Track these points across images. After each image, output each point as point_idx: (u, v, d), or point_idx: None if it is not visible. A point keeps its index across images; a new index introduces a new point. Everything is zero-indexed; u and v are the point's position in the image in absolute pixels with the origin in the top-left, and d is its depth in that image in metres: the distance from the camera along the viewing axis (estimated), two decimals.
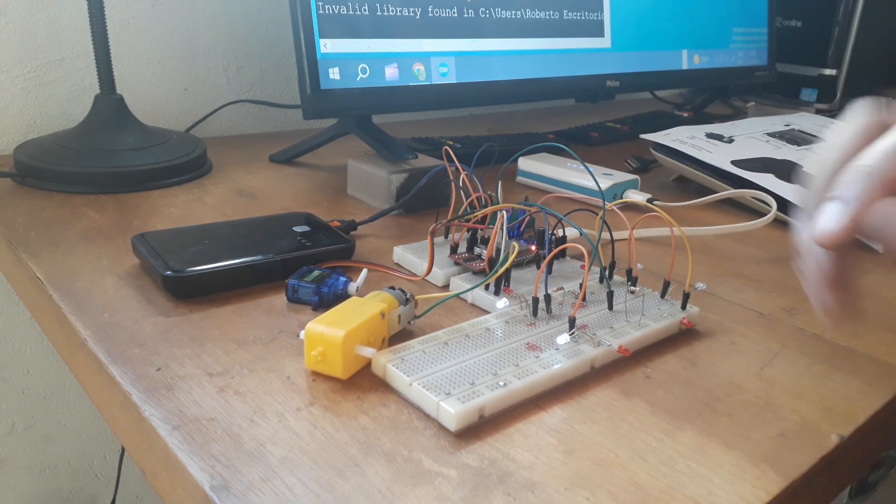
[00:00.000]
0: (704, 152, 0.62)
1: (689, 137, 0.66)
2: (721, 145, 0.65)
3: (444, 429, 0.31)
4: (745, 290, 0.48)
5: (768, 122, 0.78)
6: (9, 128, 0.72)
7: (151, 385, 0.34)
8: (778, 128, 0.75)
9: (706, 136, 0.67)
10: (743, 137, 0.69)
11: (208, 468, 0.28)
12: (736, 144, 0.66)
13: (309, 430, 0.31)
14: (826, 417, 0.34)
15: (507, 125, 1.00)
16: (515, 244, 0.42)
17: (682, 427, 0.33)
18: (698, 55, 0.95)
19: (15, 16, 0.70)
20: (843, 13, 1.02)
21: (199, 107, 0.84)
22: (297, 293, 0.42)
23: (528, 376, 0.34)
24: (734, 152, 0.65)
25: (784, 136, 0.71)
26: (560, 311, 0.40)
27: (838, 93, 1.05)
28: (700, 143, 0.65)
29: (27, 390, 0.79)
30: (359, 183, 0.63)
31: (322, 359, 0.34)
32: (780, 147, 0.67)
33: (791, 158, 0.65)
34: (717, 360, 0.39)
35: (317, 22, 0.59)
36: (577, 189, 0.66)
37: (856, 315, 0.30)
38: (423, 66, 0.66)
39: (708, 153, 0.62)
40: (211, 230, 0.49)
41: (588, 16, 0.80)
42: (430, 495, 0.28)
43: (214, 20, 0.83)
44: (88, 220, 0.54)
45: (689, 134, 0.68)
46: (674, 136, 0.67)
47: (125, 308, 0.41)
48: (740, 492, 0.29)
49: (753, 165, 0.62)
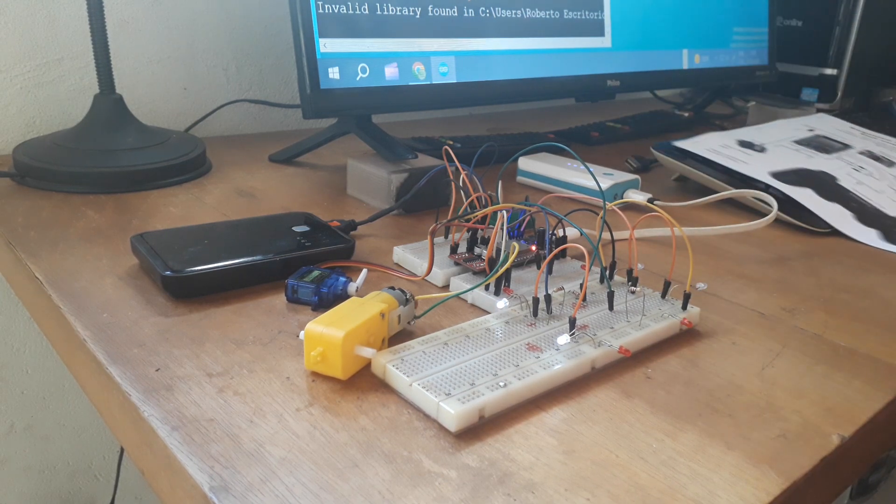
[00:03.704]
0: (740, 163, 0.61)
1: (722, 146, 0.65)
2: (755, 155, 0.64)
3: (444, 429, 0.31)
4: (745, 290, 0.48)
5: (791, 127, 0.77)
6: (8, 127, 0.72)
7: (151, 385, 0.33)
8: (803, 133, 0.74)
9: (738, 145, 0.66)
10: (773, 145, 0.68)
11: (208, 469, 0.28)
12: (769, 154, 0.66)
13: (308, 431, 0.31)
14: (827, 418, 0.34)
15: (507, 125, 1.00)
16: (515, 244, 0.42)
17: (683, 427, 0.33)
18: (699, 55, 0.95)
19: (14, 15, 0.70)
20: (844, 13, 1.02)
21: (199, 106, 0.84)
22: (296, 293, 0.42)
23: (528, 377, 0.34)
24: (770, 163, 0.64)
25: (812, 144, 0.70)
26: (560, 311, 0.40)
27: (839, 92, 1.05)
28: (734, 152, 0.64)
29: (26, 391, 0.79)
30: (359, 183, 0.63)
31: (322, 359, 0.34)
32: (811, 156, 0.67)
33: (826, 170, 0.64)
34: (717, 360, 0.39)
35: (316, 21, 0.59)
36: (578, 189, 0.66)
37: None
38: (422, 66, 0.66)
39: (744, 164, 0.61)
40: (210, 230, 0.49)
41: (588, 15, 0.80)
42: (430, 496, 0.27)
43: (214, 20, 0.83)
44: (88, 220, 0.54)
45: (721, 142, 0.67)
46: (705, 145, 0.66)
47: (124, 308, 0.41)
48: (741, 492, 0.29)
49: (792, 178, 0.61)
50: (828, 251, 0.56)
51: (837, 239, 0.59)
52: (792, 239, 0.59)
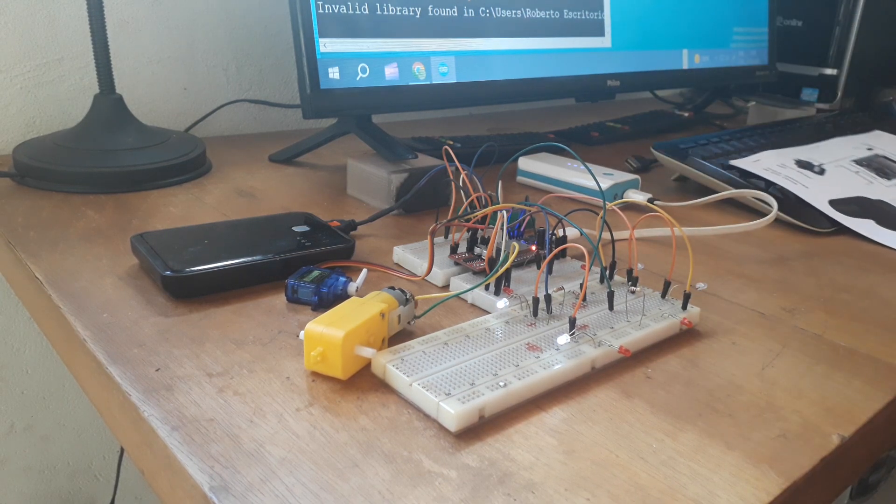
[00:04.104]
0: (800, 186, 0.60)
1: (780, 166, 0.64)
2: (814, 177, 0.63)
3: (444, 429, 0.31)
4: (745, 290, 0.48)
5: (850, 145, 0.76)
6: (8, 127, 0.72)
7: (151, 385, 0.33)
8: (862, 153, 0.73)
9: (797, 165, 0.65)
10: (832, 166, 0.67)
11: (208, 469, 0.28)
12: (828, 177, 0.64)
13: (308, 431, 0.31)
14: (827, 418, 0.34)
15: (507, 125, 1.00)
16: (515, 244, 0.42)
17: (683, 427, 0.33)
18: (699, 55, 0.95)
19: (14, 15, 0.70)
20: (844, 12, 1.02)
21: (199, 106, 0.84)
22: (296, 293, 0.42)
23: (528, 377, 0.34)
24: (829, 187, 0.62)
25: (871, 165, 0.69)
26: (560, 311, 0.40)
27: (839, 92, 1.05)
28: (793, 173, 0.63)
29: (26, 391, 0.79)
30: (359, 183, 0.63)
31: (322, 359, 0.34)
32: (871, 181, 0.66)
33: (886, 199, 0.64)
34: (717, 360, 0.39)
35: (316, 21, 0.59)
36: (578, 189, 0.66)
37: None
38: (422, 66, 0.66)
39: (804, 188, 0.60)
40: (210, 230, 0.49)
41: (588, 15, 0.80)
42: (430, 496, 0.27)
43: (214, 20, 0.83)
44: (88, 219, 0.54)
45: (780, 162, 0.65)
46: (764, 164, 0.64)
47: (124, 308, 0.41)
48: (741, 492, 0.29)
49: (852, 208, 0.60)
50: (828, 251, 0.56)
51: (837, 239, 0.59)
52: (792, 239, 0.59)
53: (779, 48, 1.07)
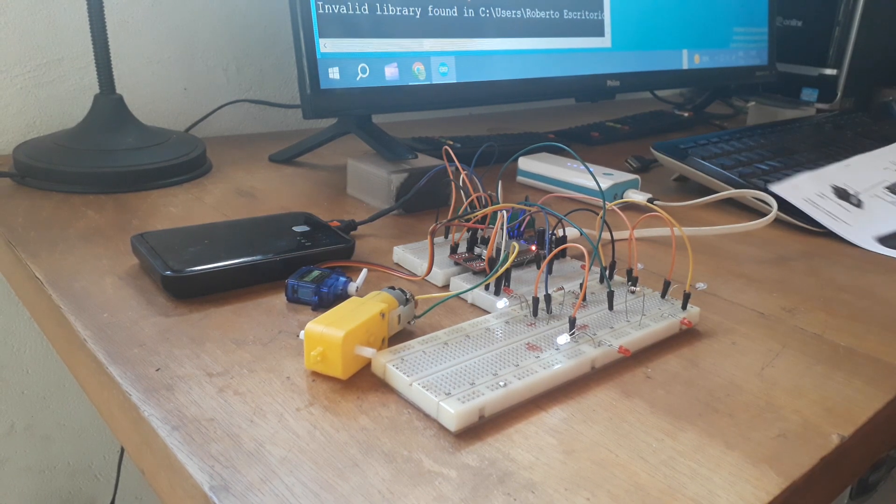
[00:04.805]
0: (842, 223, 0.60)
1: (818, 196, 0.62)
2: (854, 211, 0.62)
3: (444, 429, 0.31)
4: (745, 290, 0.48)
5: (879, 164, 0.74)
6: (8, 128, 0.72)
7: (151, 385, 0.33)
8: (892, 176, 0.71)
9: (835, 194, 0.63)
10: (867, 196, 0.65)
11: (208, 468, 0.28)
12: (867, 210, 0.63)
13: (309, 431, 0.31)
14: (827, 418, 0.34)
15: (507, 125, 1.00)
16: (515, 244, 0.42)
17: (683, 427, 0.33)
18: (699, 55, 0.95)
19: (14, 16, 0.70)
20: (844, 13, 1.02)
21: (199, 106, 0.84)
22: (296, 293, 0.42)
23: (528, 376, 0.34)
24: (871, 224, 0.62)
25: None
26: (560, 311, 0.40)
27: (839, 92, 1.05)
28: (831, 206, 0.61)
29: (26, 390, 0.79)
30: (359, 183, 0.63)
31: (322, 359, 0.34)
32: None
33: None
34: (717, 360, 0.39)
35: (316, 21, 0.59)
36: (578, 189, 0.66)
37: None
38: (422, 66, 0.66)
39: (846, 225, 0.60)
40: (210, 230, 0.49)
41: (588, 15, 0.80)
42: (430, 496, 0.28)
43: (214, 20, 0.83)
44: (88, 219, 0.54)
45: (817, 190, 0.64)
46: (803, 193, 0.63)
47: (124, 308, 0.41)
48: (741, 492, 0.29)
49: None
50: (828, 251, 0.56)
51: (837, 239, 0.59)
52: (792, 239, 0.59)
53: (779, 48, 1.07)
